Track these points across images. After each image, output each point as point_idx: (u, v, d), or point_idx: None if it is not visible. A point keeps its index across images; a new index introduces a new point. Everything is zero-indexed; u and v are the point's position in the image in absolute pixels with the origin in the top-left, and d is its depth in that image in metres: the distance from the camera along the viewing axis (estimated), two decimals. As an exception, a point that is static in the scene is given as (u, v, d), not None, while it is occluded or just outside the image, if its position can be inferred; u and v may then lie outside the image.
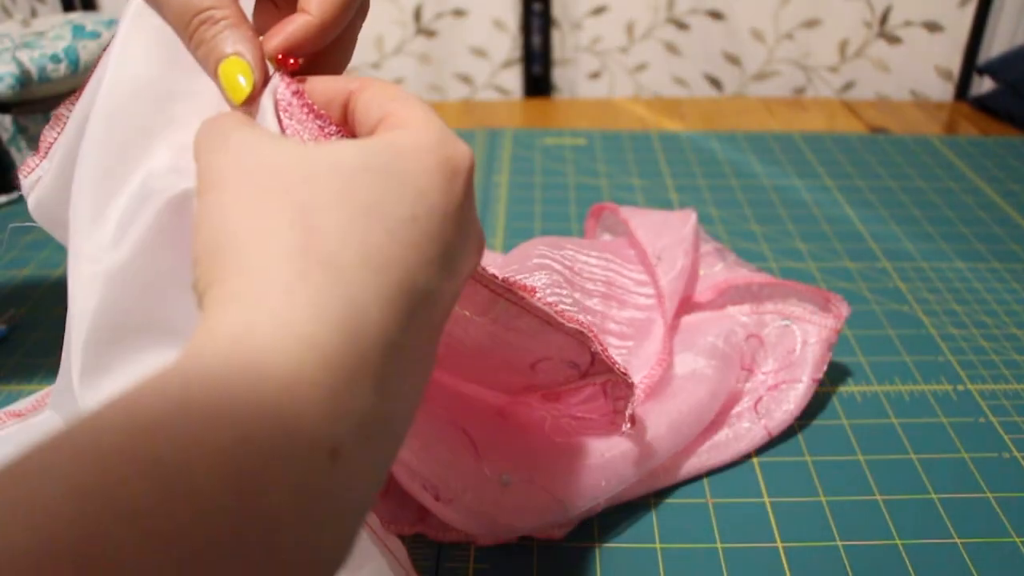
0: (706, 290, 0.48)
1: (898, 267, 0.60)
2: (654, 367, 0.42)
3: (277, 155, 0.23)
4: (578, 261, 0.45)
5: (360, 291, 0.20)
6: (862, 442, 0.43)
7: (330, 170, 0.22)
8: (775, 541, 0.38)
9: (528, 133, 0.85)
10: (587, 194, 0.71)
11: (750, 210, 0.69)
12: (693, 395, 0.41)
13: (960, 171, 0.76)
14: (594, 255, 0.46)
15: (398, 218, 0.22)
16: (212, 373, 0.18)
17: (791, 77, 1.01)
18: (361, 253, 0.21)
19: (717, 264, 0.49)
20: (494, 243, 0.64)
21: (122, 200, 0.28)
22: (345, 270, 0.20)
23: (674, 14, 0.98)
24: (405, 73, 1.01)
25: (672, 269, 0.46)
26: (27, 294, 0.57)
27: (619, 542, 0.38)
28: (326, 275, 0.20)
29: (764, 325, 0.46)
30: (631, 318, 0.45)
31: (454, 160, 0.24)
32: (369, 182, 0.22)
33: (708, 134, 0.85)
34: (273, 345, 0.18)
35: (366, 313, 0.20)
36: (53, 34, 0.69)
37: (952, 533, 0.38)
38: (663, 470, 0.41)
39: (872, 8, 0.96)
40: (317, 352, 0.19)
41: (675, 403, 0.41)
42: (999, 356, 0.50)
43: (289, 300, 0.19)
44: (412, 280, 0.22)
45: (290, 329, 0.19)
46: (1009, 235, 0.65)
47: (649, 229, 0.49)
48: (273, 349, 0.18)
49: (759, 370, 0.45)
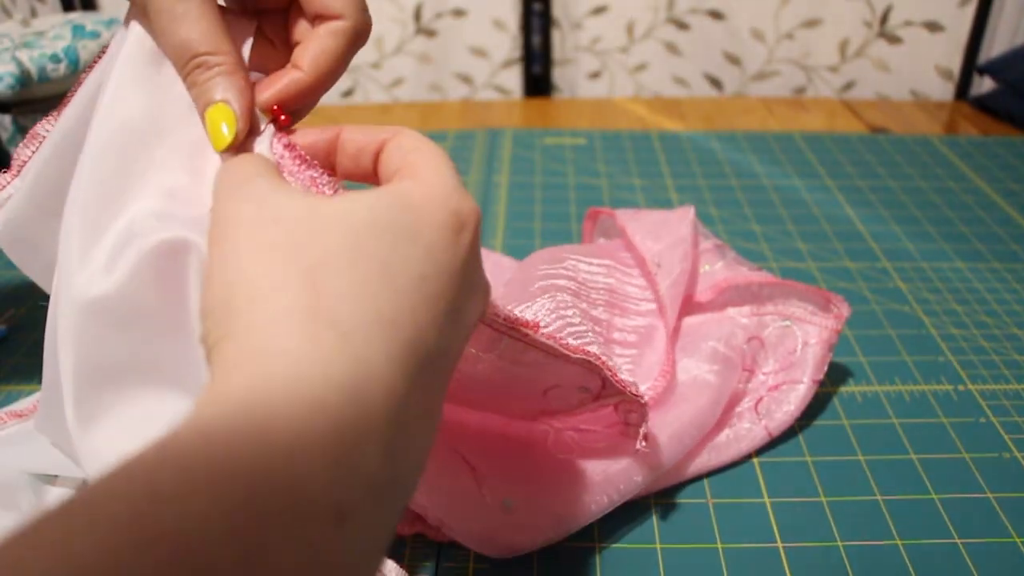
0: (706, 290, 0.47)
1: (898, 267, 0.60)
2: (657, 378, 0.42)
3: (290, 209, 0.23)
4: (581, 271, 0.45)
5: (369, 353, 0.20)
6: (862, 442, 0.43)
7: (340, 227, 0.22)
8: (775, 541, 0.38)
9: (528, 133, 0.85)
10: (587, 194, 0.71)
11: (750, 210, 0.69)
12: (695, 404, 0.41)
13: (960, 171, 0.76)
14: (596, 263, 0.46)
15: (408, 277, 0.22)
16: (219, 439, 0.17)
17: (791, 77, 1.01)
18: (370, 315, 0.21)
19: (717, 262, 0.49)
20: (494, 243, 0.64)
21: (109, 238, 0.28)
22: (354, 332, 0.20)
23: (674, 14, 0.98)
24: (405, 73, 1.01)
25: (671, 274, 0.45)
26: (27, 294, 0.57)
27: (619, 542, 0.38)
28: (335, 337, 0.20)
29: (765, 326, 0.46)
30: (635, 326, 0.45)
31: (462, 214, 0.24)
32: (378, 239, 0.22)
33: (708, 134, 0.85)
34: (281, 411, 0.18)
35: (375, 375, 0.20)
36: (53, 34, 0.69)
37: (952, 533, 0.38)
38: (664, 473, 0.40)
39: (872, 8, 0.96)
40: (325, 417, 0.19)
41: (677, 413, 0.41)
42: (1000, 356, 0.50)
43: (297, 363, 0.19)
44: (421, 339, 0.22)
45: (298, 393, 0.19)
46: (1010, 235, 0.65)
47: (647, 234, 0.48)
48: (280, 416, 0.18)
49: (760, 371, 0.45)
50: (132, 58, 0.29)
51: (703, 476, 0.41)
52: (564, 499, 0.37)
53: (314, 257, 0.22)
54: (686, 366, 0.44)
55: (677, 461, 0.41)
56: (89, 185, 0.29)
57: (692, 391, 0.42)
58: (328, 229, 0.22)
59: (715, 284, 0.47)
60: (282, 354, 0.20)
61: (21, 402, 0.44)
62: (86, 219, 0.28)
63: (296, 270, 0.21)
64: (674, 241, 0.47)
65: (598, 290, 0.45)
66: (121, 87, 0.29)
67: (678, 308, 0.45)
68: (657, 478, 0.40)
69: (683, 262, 0.46)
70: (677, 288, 0.45)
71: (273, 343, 0.20)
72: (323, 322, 0.20)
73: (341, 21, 0.29)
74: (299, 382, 0.19)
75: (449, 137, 0.84)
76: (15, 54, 0.65)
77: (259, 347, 0.20)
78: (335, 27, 0.29)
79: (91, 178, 0.28)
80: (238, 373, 0.19)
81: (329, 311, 0.20)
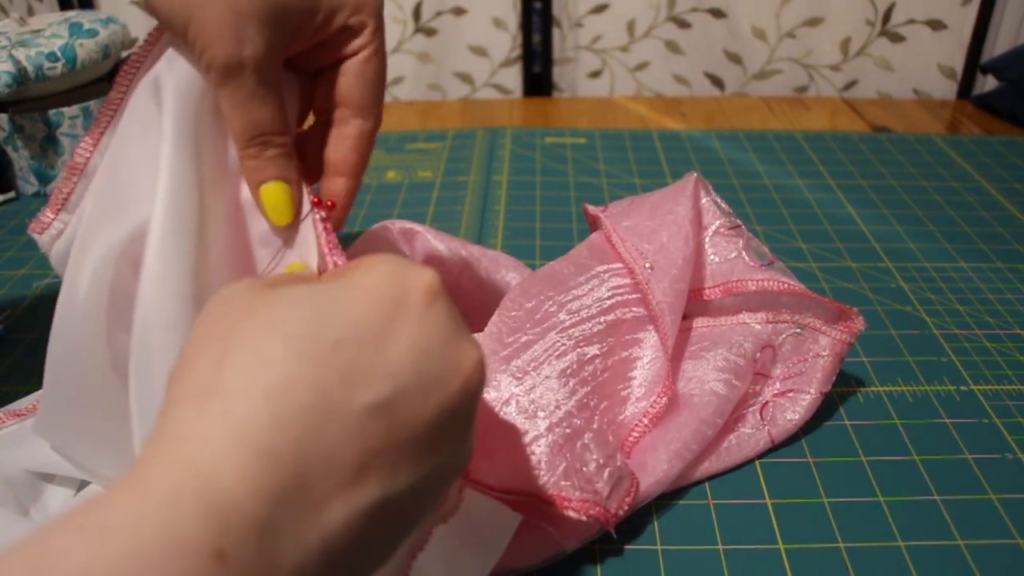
0: (716, 287, 0.45)
1: (901, 267, 0.60)
2: (658, 397, 0.41)
3: (244, 295, 0.23)
4: (582, 307, 0.43)
5: (250, 416, 0.20)
6: (864, 443, 0.43)
7: (268, 305, 0.22)
8: (777, 543, 0.37)
9: (528, 132, 0.85)
10: (587, 193, 0.71)
11: (751, 209, 0.68)
12: (698, 415, 0.40)
13: (963, 170, 0.76)
14: (585, 287, 0.44)
15: (319, 340, 0.21)
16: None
17: (793, 76, 1.01)
18: (256, 378, 0.21)
19: (731, 252, 0.45)
20: (495, 243, 0.63)
21: (96, 251, 0.31)
22: (235, 396, 0.20)
23: (675, 12, 0.98)
24: (405, 72, 1.01)
25: (669, 273, 0.43)
26: (25, 294, 0.57)
27: (619, 544, 0.37)
28: (218, 405, 0.20)
29: (779, 334, 0.45)
30: (631, 340, 0.44)
31: (402, 293, 0.23)
32: (302, 311, 0.22)
33: (709, 133, 0.85)
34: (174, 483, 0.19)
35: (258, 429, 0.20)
36: (50, 32, 0.68)
37: (955, 535, 0.38)
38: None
39: (875, 6, 0.96)
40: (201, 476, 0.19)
41: (679, 424, 0.40)
42: (1002, 357, 0.50)
43: (192, 428, 0.20)
44: (324, 397, 0.21)
45: (190, 462, 0.19)
46: (1012, 235, 0.65)
47: (641, 233, 0.45)
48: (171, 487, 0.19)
49: (768, 375, 0.45)
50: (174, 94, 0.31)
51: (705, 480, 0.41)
52: (561, 522, 0.36)
53: (235, 335, 0.22)
54: (693, 374, 0.43)
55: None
56: (98, 198, 0.32)
57: (697, 405, 0.41)
58: (256, 308, 0.23)
59: (725, 284, 0.45)
60: (182, 425, 0.20)
61: (20, 401, 0.44)
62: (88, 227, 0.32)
63: (215, 347, 0.22)
64: (672, 232, 0.45)
65: (592, 320, 0.42)
66: (147, 123, 0.31)
67: (682, 307, 0.43)
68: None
69: (685, 248, 0.44)
70: (679, 285, 0.43)
71: (177, 413, 0.21)
72: (215, 394, 0.21)
73: (367, 123, 0.34)
74: (191, 449, 0.19)
75: (449, 136, 0.84)
76: (12, 52, 0.65)
77: (166, 418, 0.21)
78: (363, 129, 0.34)
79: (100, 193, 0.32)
80: (160, 466, 0.19)
81: (219, 383, 0.21)
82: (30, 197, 0.72)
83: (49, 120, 0.69)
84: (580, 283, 0.44)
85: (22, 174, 0.72)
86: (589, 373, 0.41)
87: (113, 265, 0.31)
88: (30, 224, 0.35)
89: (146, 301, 0.29)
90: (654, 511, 0.39)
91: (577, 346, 0.41)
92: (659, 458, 0.39)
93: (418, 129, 0.88)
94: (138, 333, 0.29)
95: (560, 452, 0.36)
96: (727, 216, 0.47)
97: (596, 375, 0.41)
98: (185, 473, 0.19)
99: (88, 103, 0.70)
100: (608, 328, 0.43)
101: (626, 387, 0.42)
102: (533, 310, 0.42)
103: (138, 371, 0.29)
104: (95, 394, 0.33)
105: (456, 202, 0.70)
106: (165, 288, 0.29)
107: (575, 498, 0.35)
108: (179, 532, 0.17)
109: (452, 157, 0.79)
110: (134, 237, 0.30)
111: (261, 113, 0.30)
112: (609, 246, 0.46)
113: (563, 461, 0.36)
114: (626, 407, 0.42)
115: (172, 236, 0.29)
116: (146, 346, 0.29)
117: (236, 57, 0.29)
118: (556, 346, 0.41)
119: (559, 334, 0.41)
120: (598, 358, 0.41)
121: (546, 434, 0.37)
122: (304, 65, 0.34)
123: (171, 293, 0.29)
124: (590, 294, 0.43)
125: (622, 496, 0.36)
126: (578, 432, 0.37)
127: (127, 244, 0.30)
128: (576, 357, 0.40)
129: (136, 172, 0.31)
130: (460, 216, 0.67)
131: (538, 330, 0.41)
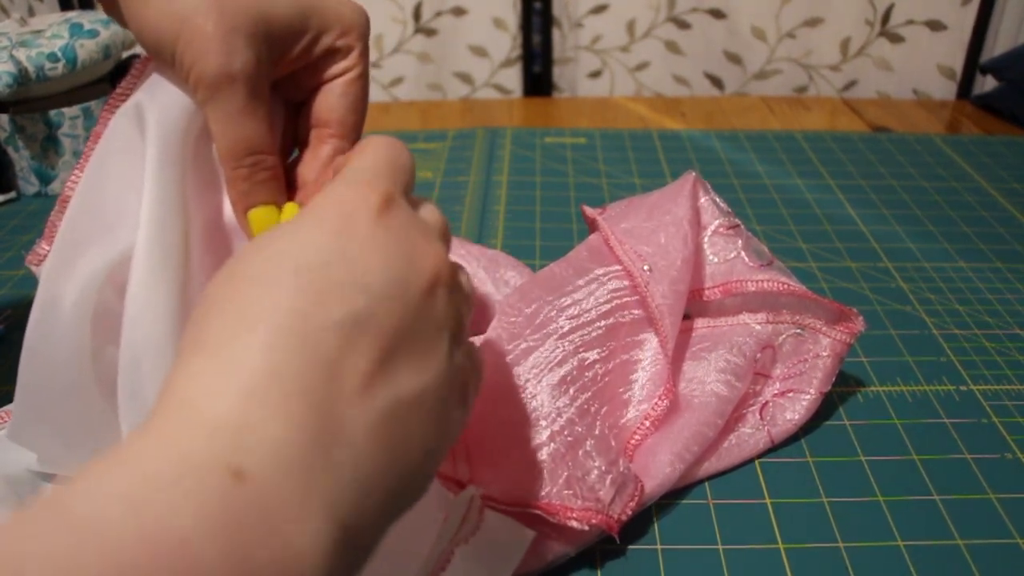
0: (715, 288, 0.45)
1: (900, 267, 0.60)
2: (660, 399, 0.41)
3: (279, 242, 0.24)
4: (582, 312, 0.43)
5: (241, 351, 0.20)
6: (864, 443, 0.43)
7: (239, 261, 0.23)
8: (776, 542, 0.37)
9: (528, 132, 0.85)
10: (587, 193, 0.71)
11: (751, 209, 0.68)
12: (699, 416, 0.40)
13: (963, 170, 0.76)
14: (584, 290, 0.44)
15: (281, 270, 0.22)
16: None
17: (792, 76, 1.01)
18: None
19: (731, 251, 0.45)
20: (495, 243, 0.63)
21: (82, 270, 0.31)
22: (222, 341, 0.21)
23: (675, 13, 0.98)
24: (405, 72, 1.01)
25: (668, 274, 0.43)
26: (25, 294, 0.57)
27: (619, 544, 0.37)
28: (206, 352, 0.21)
29: (779, 334, 0.45)
30: (631, 343, 0.44)
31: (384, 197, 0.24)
32: (268, 250, 0.23)
33: (709, 133, 0.85)
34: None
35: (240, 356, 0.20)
36: (51, 32, 0.68)
37: (954, 534, 0.38)
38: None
39: (874, 6, 0.96)
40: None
41: (680, 435, 0.40)
42: (1002, 357, 0.50)
43: (187, 379, 0.20)
44: (302, 320, 0.21)
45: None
46: (1012, 235, 0.65)
47: (639, 235, 0.45)
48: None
49: (767, 375, 0.45)
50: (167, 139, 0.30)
51: (705, 480, 0.41)
52: (562, 529, 0.36)
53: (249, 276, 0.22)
54: (694, 375, 0.43)
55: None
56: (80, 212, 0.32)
57: (697, 406, 0.41)
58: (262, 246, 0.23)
59: (725, 285, 0.45)
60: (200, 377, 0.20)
61: (18, 402, 0.44)
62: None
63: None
64: (670, 233, 0.44)
65: (592, 325, 0.42)
66: (128, 150, 0.31)
67: (682, 308, 0.43)
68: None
69: (684, 249, 0.44)
70: (678, 287, 0.43)
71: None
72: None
73: (345, 144, 0.32)
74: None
75: (449, 136, 0.84)
76: (13, 53, 0.65)
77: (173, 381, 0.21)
78: (341, 150, 0.32)
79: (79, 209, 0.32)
80: (168, 422, 0.19)
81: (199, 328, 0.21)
82: (31, 197, 0.72)
83: (50, 120, 0.69)
84: (579, 286, 0.44)
85: (23, 174, 0.72)
86: (590, 378, 0.41)
87: (97, 290, 0.31)
88: (27, 256, 0.35)
89: (132, 327, 0.29)
90: (654, 511, 0.39)
91: (577, 351, 0.41)
92: (661, 461, 0.39)
93: (418, 129, 0.88)
94: (126, 359, 0.29)
95: (562, 461, 0.36)
96: (726, 215, 0.47)
97: (597, 380, 0.41)
98: (185, 409, 0.19)
99: (89, 103, 0.70)
100: (608, 332, 0.43)
101: (627, 390, 0.42)
102: (533, 315, 0.42)
103: (131, 396, 0.29)
104: (71, 406, 0.33)
105: (456, 202, 0.70)
106: (151, 312, 0.29)
107: (577, 507, 0.35)
108: (186, 451, 0.18)
109: (452, 157, 0.79)
110: (121, 261, 0.30)
111: (251, 128, 0.29)
112: (607, 249, 0.46)
113: (565, 470, 0.36)
114: (627, 410, 0.42)
115: (158, 262, 0.29)
116: (136, 371, 0.29)
117: (227, 68, 0.28)
118: (556, 352, 0.41)
119: (559, 340, 0.41)
120: (598, 362, 0.41)
121: (548, 443, 0.37)
122: (290, 94, 0.33)
123: (158, 317, 0.29)
124: (589, 298, 0.43)
125: (626, 501, 0.36)
126: (580, 439, 0.37)
127: (113, 268, 0.30)
128: (576, 362, 0.41)
129: (120, 197, 0.31)
130: (460, 216, 0.67)
131: (538, 336, 0.41)
